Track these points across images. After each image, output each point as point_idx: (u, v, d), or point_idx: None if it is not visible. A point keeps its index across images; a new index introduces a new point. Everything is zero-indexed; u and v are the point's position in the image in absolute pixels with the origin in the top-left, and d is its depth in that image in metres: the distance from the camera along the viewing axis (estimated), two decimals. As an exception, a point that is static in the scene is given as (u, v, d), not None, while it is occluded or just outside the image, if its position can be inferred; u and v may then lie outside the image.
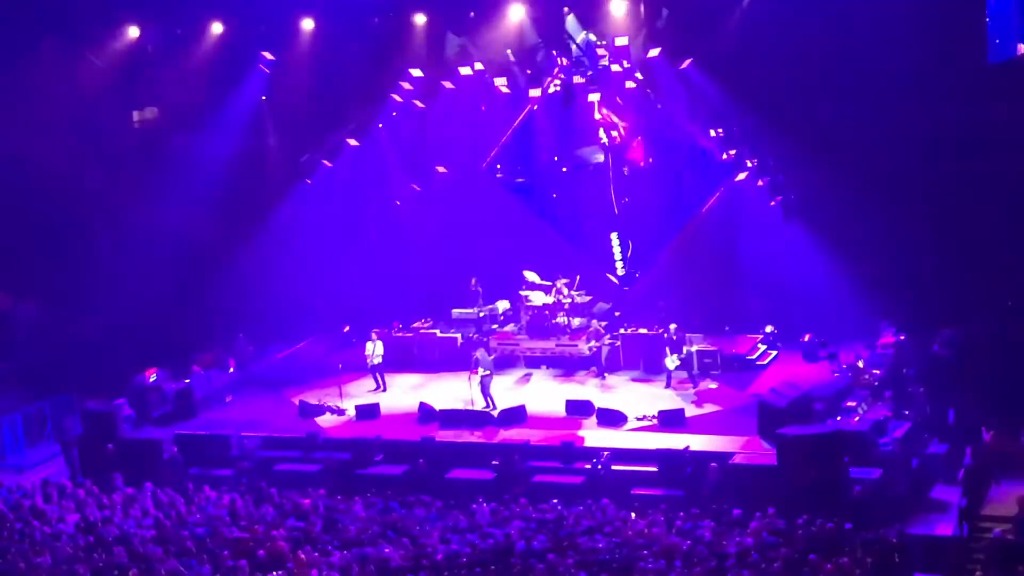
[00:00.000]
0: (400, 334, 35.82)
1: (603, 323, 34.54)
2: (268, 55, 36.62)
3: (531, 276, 35.40)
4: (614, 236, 36.59)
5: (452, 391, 32.77)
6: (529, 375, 34.38)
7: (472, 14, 34.48)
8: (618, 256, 36.71)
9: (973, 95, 31.09)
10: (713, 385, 32.28)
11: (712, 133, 34.36)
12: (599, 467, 27.50)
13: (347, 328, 36.95)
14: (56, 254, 36.92)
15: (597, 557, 21.89)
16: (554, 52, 34.83)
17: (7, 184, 35.79)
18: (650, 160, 36.15)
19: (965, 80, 31.12)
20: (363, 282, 37.61)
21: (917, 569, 23.22)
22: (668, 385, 32.28)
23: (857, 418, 28.42)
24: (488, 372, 31.54)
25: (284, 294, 37.06)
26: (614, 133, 35.79)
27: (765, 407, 28.26)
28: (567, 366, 34.33)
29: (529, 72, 35.28)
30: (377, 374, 33.78)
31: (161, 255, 36.33)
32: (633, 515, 24.72)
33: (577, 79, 34.69)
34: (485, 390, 31.42)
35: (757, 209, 34.30)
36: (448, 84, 36.24)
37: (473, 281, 36.39)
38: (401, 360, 34.97)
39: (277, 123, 38.09)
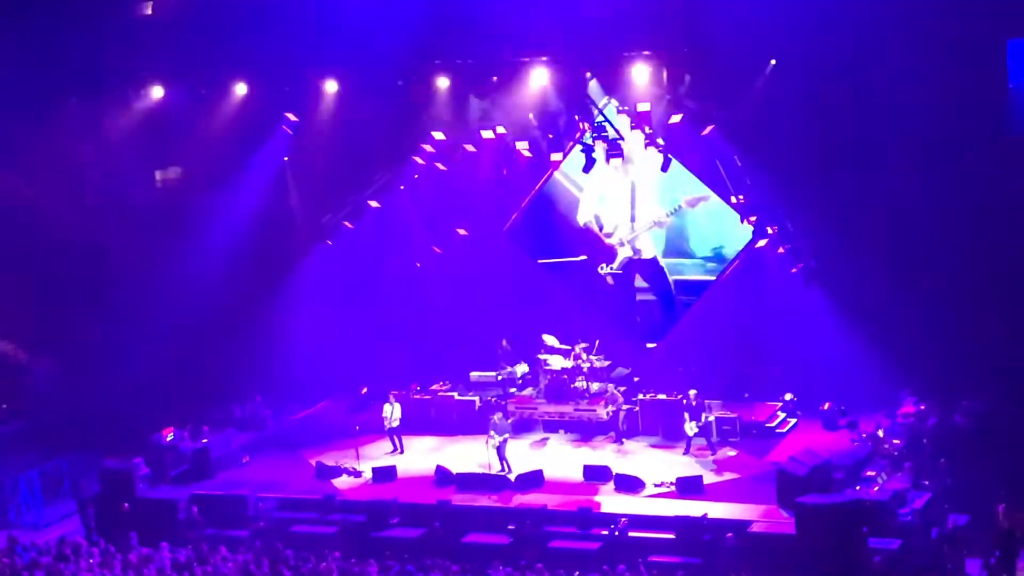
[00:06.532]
0: (418, 396, 35.71)
1: (622, 388, 34.43)
2: (291, 116, 36.86)
3: (550, 340, 35.32)
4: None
5: (469, 454, 32.63)
6: (547, 439, 34.21)
7: (495, 78, 34.73)
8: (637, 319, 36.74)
9: (995, 165, 31.03)
10: (732, 452, 32.08)
11: (733, 199, 34.45)
12: (616, 533, 27.35)
13: (365, 390, 36.85)
14: (76, 312, 36.93)
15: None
16: (576, 117, 35.03)
17: (29, 241, 35.94)
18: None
19: (987, 150, 31.05)
20: (382, 344, 37.60)
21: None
22: (687, 451, 32.11)
23: (877, 488, 28.16)
24: (504, 436, 31.47)
25: (303, 355, 37.01)
26: None
27: (784, 475, 28.10)
28: (585, 431, 34.13)
29: (551, 136, 35.49)
30: (394, 436, 33.69)
31: (181, 314, 36.33)
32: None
33: (599, 144, 34.86)
34: (501, 454, 31.33)
35: (778, 276, 34.29)
36: (470, 147, 36.42)
37: (504, 342, 36.30)
38: (419, 422, 34.86)
39: (299, 184, 38.28)
